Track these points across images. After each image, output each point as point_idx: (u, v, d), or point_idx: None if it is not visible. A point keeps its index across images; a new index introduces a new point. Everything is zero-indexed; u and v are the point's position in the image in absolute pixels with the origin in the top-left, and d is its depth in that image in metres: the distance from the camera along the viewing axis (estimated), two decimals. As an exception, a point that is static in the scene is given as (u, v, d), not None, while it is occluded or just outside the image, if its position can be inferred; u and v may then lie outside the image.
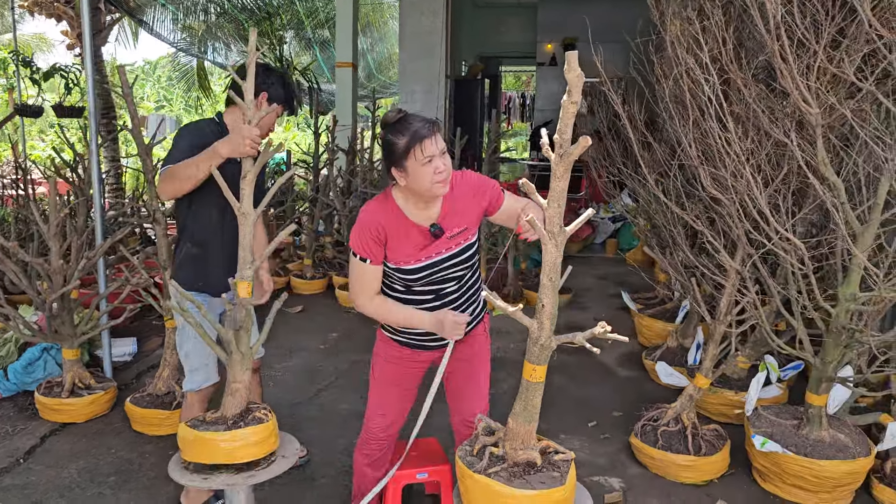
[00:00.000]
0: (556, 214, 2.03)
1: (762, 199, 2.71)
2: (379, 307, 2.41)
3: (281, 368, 4.66)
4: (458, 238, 2.40)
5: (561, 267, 2.15)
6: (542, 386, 2.20)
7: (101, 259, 4.11)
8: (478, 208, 2.42)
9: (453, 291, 2.46)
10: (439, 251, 2.37)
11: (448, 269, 2.40)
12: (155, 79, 25.35)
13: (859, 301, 2.94)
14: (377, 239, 2.31)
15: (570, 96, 1.88)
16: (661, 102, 3.32)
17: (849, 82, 2.75)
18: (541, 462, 2.24)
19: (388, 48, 17.13)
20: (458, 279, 2.45)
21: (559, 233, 2.06)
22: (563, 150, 1.95)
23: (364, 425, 2.66)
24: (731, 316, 3.31)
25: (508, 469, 2.21)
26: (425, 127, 2.21)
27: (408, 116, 2.26)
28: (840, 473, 3.01)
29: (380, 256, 2.34)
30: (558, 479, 2.19)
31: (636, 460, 3.46)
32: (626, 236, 8.50)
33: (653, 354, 4.57)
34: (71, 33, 9.79)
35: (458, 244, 2.40)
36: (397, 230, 2.33)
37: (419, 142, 2.19)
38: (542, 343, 2.15)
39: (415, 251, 2.35)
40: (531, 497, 2.12)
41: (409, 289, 2.42)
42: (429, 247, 2.36)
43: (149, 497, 3.08)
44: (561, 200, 2.02)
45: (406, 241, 2.34)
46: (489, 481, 2.15)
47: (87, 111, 4.10)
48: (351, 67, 8.96)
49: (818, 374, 3.15)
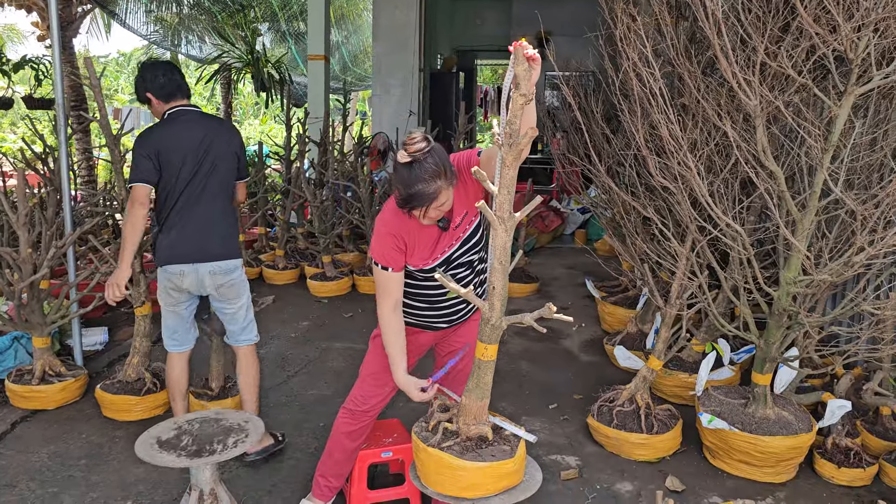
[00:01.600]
0: (506, 201, 2.13)
1: (704, 187, 2.84)
2: (390, 324, 2.50)
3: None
4: (464, 225, 2.50)
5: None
6: (493, 364, 2.32)
7: (72, 249, 4.16)
8: (471, 188, 2.45)
9: (467, 275, 2.58)
10: (451, 244, 2.49)
11: (461, 256, 2.53)
12: (129, 71, 25.06)
13: (799, 284, 3.09)
14: (398, 248, 2.44)
15: (517, 89, 1.99)
16: (613, 96, 3.45)
17: (793, 76, 2.89)
18: (492, 437, 2.36)
19: (363, 41, 17.14)
20: (469, 264, 2.57)
21: (508, 218, 2.16)
22: (511, 139, 2.06)
23: (351, 397, 2.76)
24: (682, 300, 3.45)
25: (461, 443, 2.33)
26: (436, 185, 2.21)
27: (425, 165, 2.21)
28: (783, 448, 3.17)
29: (401, 263, 2.47)
30: (508, 452, 2.31)
31: (593, 440, 3.60)
32: (595, 227, 8.66)
33: (613, 340, 4.73)
34: (41, 24, 9.71)
35: (465, 230, 2.51)
36: (414, 235, 2.45)
37: (428, 203, 2.25)
38: (493, 323, 2.27)
39: (430, 251, 2.48)
40: (482, 469, 2.24)
41: (425, 280, 2.54)
42: (440, 242, 2.48)
43: (119, 479, 3.16)
44: (510, 187, 2.13)
45: (421, 243, 2.47)
46: (442, 454, 2.27)
47: (56, 103, 4.14)
48: (323, 60, 9.00)
49: (762, 354, 3.31)
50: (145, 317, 3.81)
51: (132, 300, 3.79)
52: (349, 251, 7.05)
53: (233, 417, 2.75)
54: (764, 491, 3.18)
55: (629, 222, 4.07)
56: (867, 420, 3.56)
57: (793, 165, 3.31)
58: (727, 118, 2.94)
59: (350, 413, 2.77)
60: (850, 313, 3.07)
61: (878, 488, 3.22)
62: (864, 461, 3.24)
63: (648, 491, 3.15)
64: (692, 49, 3.43)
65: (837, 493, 3.19)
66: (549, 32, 11.61)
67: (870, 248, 2.73)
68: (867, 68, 2.78)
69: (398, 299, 2.52)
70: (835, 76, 2.84)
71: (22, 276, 3.81)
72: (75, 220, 4.23)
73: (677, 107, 3.13)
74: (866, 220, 2.85)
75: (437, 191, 2.23)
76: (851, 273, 2.87)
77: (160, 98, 3.28)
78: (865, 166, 3.21)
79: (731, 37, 2.93)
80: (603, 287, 5.76)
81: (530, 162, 10.96)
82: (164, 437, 2.57)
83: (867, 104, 3.14)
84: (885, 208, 2.83)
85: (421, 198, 2.23)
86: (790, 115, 2.82)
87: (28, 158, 5.50)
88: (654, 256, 3.70)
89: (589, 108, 4.38)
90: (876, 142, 3.18)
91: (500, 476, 2.25)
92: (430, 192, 2.23)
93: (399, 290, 2.52)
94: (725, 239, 3.20)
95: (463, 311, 2.68)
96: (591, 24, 4.46)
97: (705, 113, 3.17)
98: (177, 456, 2.45)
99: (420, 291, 2.60)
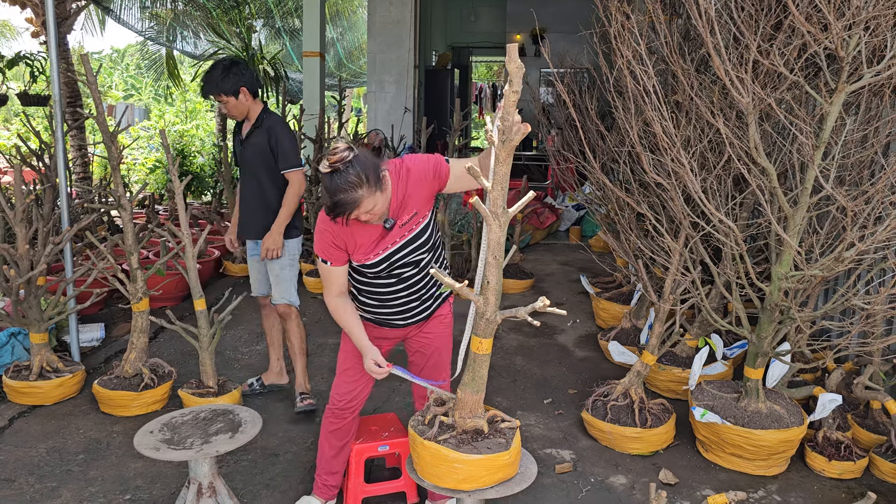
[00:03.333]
0: (500, 196, 2.17)
1: (697, 184, 2.88)
2: (336, 308, 2.58)
3: (248, 352, 4.77)
4: (410, 224, 2.51)
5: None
6: (488, 357, 2.34)
7: (69, 245, 4.17)
8: (426, 191, 2.49)
9: (414, 275, 2.61)
10: (394, 241, 2.50)
11: (406, 255, 2.54)
12: (123, 67, 24.99)
13: (791, 280, 3.13)
14: (335, 244, 2.49)
15: (510, 85, 2.01)
16: (607, 93, 3.48)
17: (785, 74, 2.93)
18: (488, 430, 2.39)
19: (359, 37, 17.13)
20: (417, 263, 2.59)
21: (502, 213, 2.19)
22: (504, 136, 2.09)
23: (331, 396, 2.80)
24: (675, 296, 3.49)
25: (457, 436, 2.36)
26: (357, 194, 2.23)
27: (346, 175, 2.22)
28: (774, 442, 3.21)
29: (340, 258, 2.52)
30: (504, 444, 2.34)
31: (587, 434, 3.64)
32: (590, 224, 8.71)
33: (607, 335, 4.76)
34: (36, 21, 9.68)
35: (411, 230, 2.52)
36: (352, 233, 2.48)
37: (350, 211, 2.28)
38: (487, 317, 2.29)
39: (372, 246, 2.50)
40: (478, 461, 2.27)
41: (373, 277, 2.59)
42: (383, 239, 2.50)
43: (117, 474, 3.18)
44: (504, 183, 2.16)
45: (362, 240, 2.50)
46: (439, 447, 2.30)
47: (52, 99, 4.15)
48: (318, 57, 9.00)
49: (754, 349, 3.35)
50: (143, 313, 3.83)
51: (130, 296, 3.81)
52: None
53: (231, 411, 2.78)
54: (756, 484, 3.22)
55: (623, 218, 4.11)
56: (858, 414, 3.61)
57: (785, 162, 3.35)
58: (720, 115, 2.98)
59: (332, 412, 2.80)
60: (841, 308, 3.11)
61: (868, 481, 3.26)
62: (854, 454, 3.28)
63: (642, 484, 3.19)
64: (686, 47, 3.46)
65: (828, 485, 3.24)
66: (544, 29, 11.69)
67: (860, 244, 2.77)
68: (858, 66, 2.82)
69: (341, 289, 2.59)
70: (826, 74, 2.87)
71: (19, 272, 3.83)
72: (72, 216, 4.24)
73: (671, 104, 3.17)
74: (857, 216, 2.89)
75: (359, 199, 2.25)
76: (842, 268, 2.90)
77: (254, 94, 3.69)
78: (856, 163, 3.25)
79: (724, 35, 2.96)
80: (597, 283, 5.80)
81: (525, 159, 10.99)
82: (163, 431, 2.60)
83: (858, 101, 3.18)
84: (876, 204, 2.87)
85: (342, 206, 2.26)
86: (782, 112, 2.85)
87: (24, 155, 5.50)
88: (647, 252, 3.74)
89: (583, 105, 4.41)
90: (867, 139, 3.22)
91: (495, 468, 2.28)
92: (351, 201, 2.25)
93: (340, 282, 2.58)
94: (718, 235, 3.24)
95: (418, 310, 2.69)
96: (585, 21, 4.49)
97: (698, 110, 3.21)
98: (175, 450, 2.47)
99: (369, 288, 2.64)
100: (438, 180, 2.48)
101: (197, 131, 14.01)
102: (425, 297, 2.68)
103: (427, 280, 2.65)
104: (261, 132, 3.70)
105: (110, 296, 5.46)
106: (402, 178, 2.46)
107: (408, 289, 2.62)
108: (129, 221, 3.80)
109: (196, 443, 2.52)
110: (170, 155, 3.73)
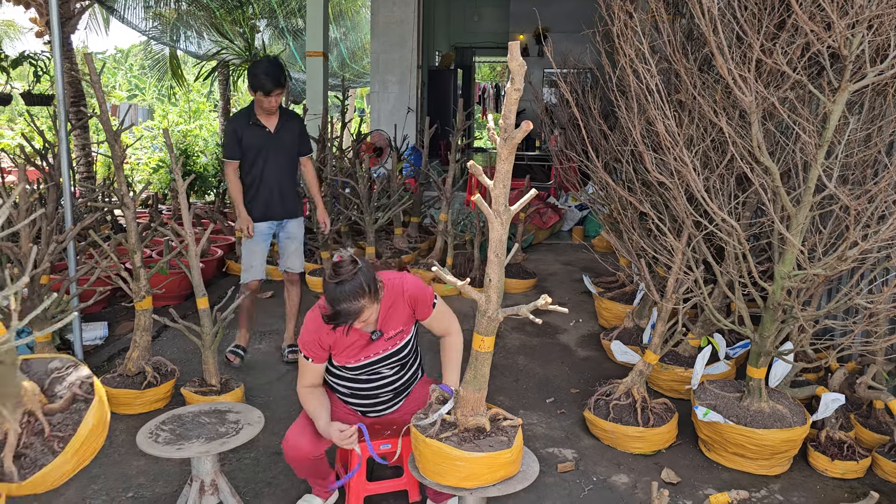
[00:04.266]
0: (501, 194, 2.17)
1: (700, 183, 2.88)
2: (306, 396, 2.68)
3: (251, 350, 4.77)
4: (395, 339, 2.69)
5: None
6: (490, 356, 2.35)
7: (72, 244, 4.19)
8: (408, 312, 2.69)
9: (389, 375, 2.77)
10: (377, 352, 2.67)
11: (385, 364, 2.71)
12: (127, 67, 25.02)
13: (794, 279, 3.13)
14: (320, 345, 2.62)
15: (512, 83, 2.02)
16: (610, 92, 3.48)
17: (788, 73, 2.93)
18: (490, 428, 2.40)
19: (362, 37, 17.15)
20: (395, 369, 2.77)
21: (504, 211, 2.19)
22: (506, 134, 2.09)
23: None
24: (678, 295, 3.49)
25: (459, 434, 2.36)
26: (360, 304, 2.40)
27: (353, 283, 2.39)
28: (777, 441, 3.20)
29: (322, 357, 2.65)
30: (506, 442, 2.34)
31: (590, 433, 3.64)
32: (593, 223, 8.70)
33: (610, 335, 4.76)
34: (40, 20, 9.70)
35: (395, 344, 2.70)
36: (340, 339, 2.62)
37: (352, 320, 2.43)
38: (489, 315, 2.30)
39: (355, 352, 2.65)
40: (479, 459, 2.27)
41: (351, 375, 2.73)
42: (368, 347, 2.65)
43: (120, 471, 3.19)
44: (506, 181, 2.16)
45: (348, 346, 2.64)
46: (441, 445, 2.30)
47: (55, 99, 4.17)
48: (322, 57, 9.02)
49: (757, 348, 3.35)
50: (146, 311, 3.83)
51: (133, 294, 3.82)
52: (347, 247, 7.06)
53: (233, 409, 2.79)
54: (758, 483, 3.22)
55: (626, 218, 4.11)
56: (861, 413, 3.60)
57: (787, 161, 3.34)
58: (723, 114, 2.98)
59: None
60: (844, 307, 3.10)
61: (871, 480, 3.26)
62: (857, 454, 3.28)
63: (644, 483, 3.18)
64: (688, 46, 3.45)
65: (831, 485, 3.23)
66: (547, 29, 11.68)
67: (863, 243, 2.77)
68: (861, 65, 2.82)
69: (315, 382, 2.70)
70: (829, 73, 2.87)
71: (22, 270, 3.83)
72: (75, 215, 4.25)
73: (674, 103, 3.16)
74: (860, 215, 2.88)
75: (361, 309, 2.41)
76: (845, 267, 2.90)
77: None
78: (859, 162, 3.24)
79: (727, 34, 2.96)
80: (600, 283, 5.80)
81: (528, 159, 10.99)
82: (165, 429, 2.61)
83: (861, 100, 3.18)
84: (879, 203, 2.87)
85: (345, 315, 2.40)
86: (785, 111, 2.85)
87: (28, 154, 5.52)
88: (650, 252, 3.74)
89: (586, 105, 4.41)
90: (870, 138, 3.21)
91: (497, 466, 2.29)
92: (354, 311, 2.40)
93: (316, 376, 2.70)
94: (721, 234, 3.24)
95: (389, 403, 2.83)
96: (588, 20, 4.48)
97: (701, 109, 3.20)
98: (178, 448, 2.48)
99: (346, 383, 2.77)
100: (425, 310, 2.69)
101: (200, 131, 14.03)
102: (399, 388, 2.82)
103: (400, 381, 2.80)
104: (290, 122, 4.35)
105: (114, 294, 5.47)
106: (395, 288, 2.64)
107: (382, 387, 2.77)
108: (133, 220, 3.81)
109: (198, 441, 2.52)
110: (173, 154, 3.74)
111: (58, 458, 1.75)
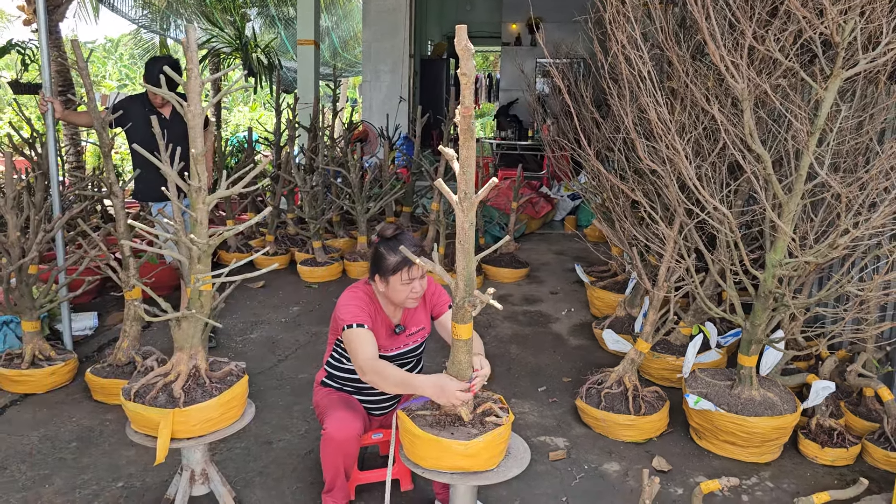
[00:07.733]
0: (464, 182, 2.09)
1: (692, 171, 2.87)
2: (377, 367, 2.45)
3: (242, 341, 4.75)
4: (416, 336, 2.75)
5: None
6: (467, 343, 2.25)
7: (60, 234, 4.15)
8: (429, 310, 2.78)
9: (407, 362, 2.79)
10: (398, 346, 2.71)
11: (400, 360, 2.72)
12: (117, 56, 24.81)
13: (785, 267, 3.13)
14: (367, 311, 2.61)
15: (461, 68, 1.96)
16: (602, 80, 3.47)
17: (780, 60, 2.92)
18: (468, 419, 2.34)
19: (354, 26, 17.05)
20: (409, 362, 2.79)
21: (464, 199, 2.10)
22: (465, 119, 2.04)
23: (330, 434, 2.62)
24: (670, 283, 3.49)
25: (436, 417, 2.35)
26: (415, 252, 2.40)
27: (402, 236, 2.54)
28: (767, 429, 3.21)
29: (371, 323, 2.59)
30: (472, 435, 2.28)
31: (581, 421, 3.64)
32: (585, 213, 8.69)
33: (602, 323, 4.76)
34: (28, 8, 9.59)
35: (416, 341, 2.75)
36: (375, 314, 2.65)
37: (408, 266, 2.48)
38: (457, 303, 2.23)
39: (383, 342, 2.67)
40: (430, 440, 2.23)
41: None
42: (390, 340, 2.69)
43: (110, 461, 3.17)
44: (469, 168, 2.08)
45: (377, 329, 2.64)
46: (410, 425, 2.29)
47: (43, 87, 4.12)
48: (313, 45, 8.95)
49: (748, 336, 3.35)
50: (135, 301, 3.81)
51: (122, 284, 3.79)
52: (339, 237, 7.05)
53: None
54: (749, 470, 3.23)
55: (618, 206, 4.10)
56: (851, 401, 3.62)
57: (780, 149, 3.34)
58: (715, 102, 2.97)
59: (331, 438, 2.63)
60: (835, 295, 3.11)
61: (861, 467, 3.27)
62: (847, 441, 3.29)
63: (635, 471, 3.19)
64: (681, 33, 3.44)
65: (820, 472, 3.24)
66: (540, 18, 11.61)
67: (854, 230, 2.77)
68: (853, 52, 2.81)
69: (374, 352, 2.51)
70: (821, 60, 2.86)
71: (10, 260, 3.80)
72: (63, 204, 4.21)
73: (666, 90, 3.15)
74: (851, 203, 2.88)
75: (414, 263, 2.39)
76: (836, 255, 2.90)
77: None
78: (851, 150, 3.24)
79: (720, 21, 2.94)
80: (592, 272, 5.80)
81: (520, 149, 10.97)
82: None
83: (853, 88, 3.17)
84: (870, 191, 2.87)
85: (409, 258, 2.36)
86: (777, 98, 2.84)
87: (16, 143, 5.46)
88: (642, 240, 3.73)
89: (579, 94, 4.39)
90: (861, 125, 3.21)
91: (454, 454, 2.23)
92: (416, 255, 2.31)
93: (373, 345, 2.52)
94: (713, 222, 3.23)
95: (392, 401, 2.86)
96: (581, 9, 4.47)
97: (693, 96, 3.19)
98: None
99: (353, 382, 2.78)
100: (442, 307, 2.75)
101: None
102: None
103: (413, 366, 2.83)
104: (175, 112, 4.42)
105: (103, 284, 5.44)
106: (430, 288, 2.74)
107: None
108: (122, 209, 3.77)
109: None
110: (162, 143, 3.69)
111: (210, 401, 2.44)
